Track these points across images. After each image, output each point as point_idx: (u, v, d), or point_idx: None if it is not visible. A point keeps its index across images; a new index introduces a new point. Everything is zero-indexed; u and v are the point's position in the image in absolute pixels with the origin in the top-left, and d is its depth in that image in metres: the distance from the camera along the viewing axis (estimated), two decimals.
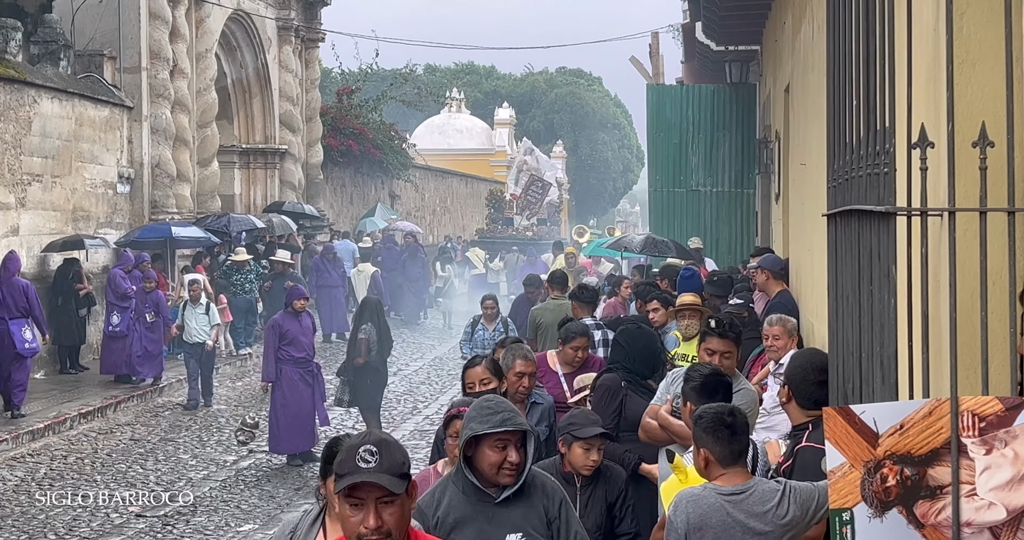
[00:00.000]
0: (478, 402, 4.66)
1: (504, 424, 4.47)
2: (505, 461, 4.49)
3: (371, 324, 13.67)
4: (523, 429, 4.53)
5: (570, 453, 5.96)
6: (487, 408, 4.54)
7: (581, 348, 8.76)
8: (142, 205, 22.19)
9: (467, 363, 6.91)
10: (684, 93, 22.97)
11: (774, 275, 10.59)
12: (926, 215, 3.32)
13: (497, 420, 4.47)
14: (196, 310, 17.35)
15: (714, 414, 4.84)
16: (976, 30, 3.63)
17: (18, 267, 16.04)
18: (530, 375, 7.35)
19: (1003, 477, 3.01)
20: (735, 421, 4.81)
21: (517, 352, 7.40)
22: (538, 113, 65.83)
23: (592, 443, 5.93)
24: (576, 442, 5.92)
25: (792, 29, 12.00)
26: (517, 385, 7.21)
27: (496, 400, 4.65)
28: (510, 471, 4.52)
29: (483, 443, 4.51)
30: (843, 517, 3.10)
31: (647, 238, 18.19)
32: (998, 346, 3.25)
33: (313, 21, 30.95)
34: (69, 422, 15.15)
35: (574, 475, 5.98)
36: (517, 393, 7.20)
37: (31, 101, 18.48)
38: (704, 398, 5.71)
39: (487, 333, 13.79)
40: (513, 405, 4.65)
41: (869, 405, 3.22)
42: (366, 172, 36.27)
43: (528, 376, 7.33)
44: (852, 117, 3.85)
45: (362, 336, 13.57)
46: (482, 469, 4.54)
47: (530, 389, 7.37)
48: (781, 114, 14.43)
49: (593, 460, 5.93)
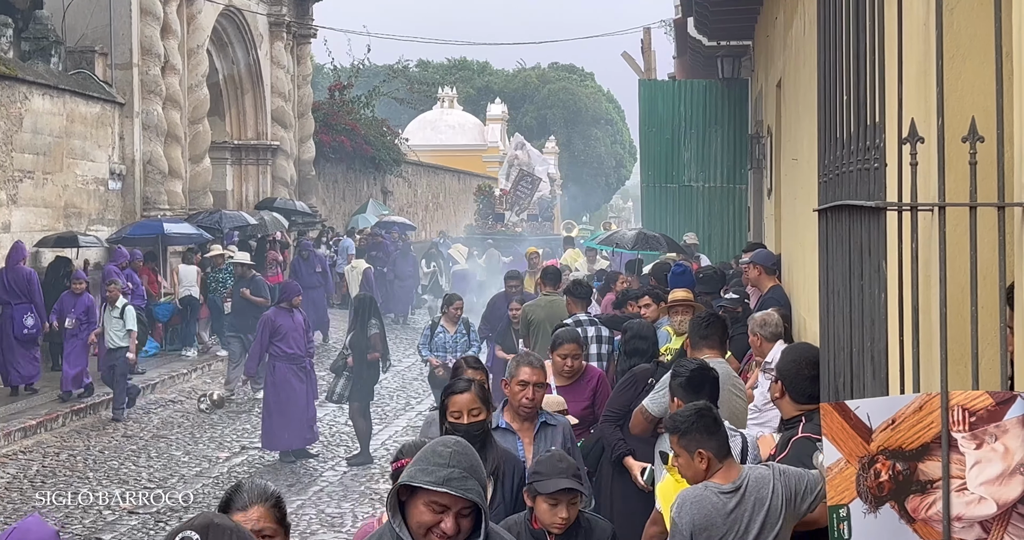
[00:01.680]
0: (436, 442, 3.62)
1: (446, 484, 3.38)
2: (437, 527, 3.48)
3: (377, 320, 13.66)
4: (470, 500, 3.43)
5: (536, 508, 5.06)
6: (439, 455, 3.46)
7: (571, 355, 8.01)
8: (134, 202, 22.15)
9: (450, 387, 5.69)
10: (676, 88, 22.97)
11: (766, 270, 10.59)
12: (916, 210, 3.32)
13: (441, 476, 3.40)
14: (112, 313, 15.98)
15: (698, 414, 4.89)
16: (966, 25, 3.63)
17: (23, 256, 16.89)
18: (536, 386, 6.34)
19: (993, 471, 3.02)
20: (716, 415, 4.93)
21: (523, 359, 6.53)
22: (530, 109, 65.79)
23: (559, 498, 4.95)
24: (540, 496, 5.00)
25: (784, 24, 12.00)
26: (520, 396, 6.29)
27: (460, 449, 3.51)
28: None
29: (418, 496, 3.49)
30: (840, 513, 3.10)
31: (638, 234, 18.19)
32: (988, 341, 3.25)
33: (305, 17, 30.90)
34: (61, 419, 15.13)
35: (545, 533, 5.07)
36: (521, 408, 6.31)
37: (22, 98, 18.43)
38: (691, 393, 5.76)
39: (448, 336, 13.37)
40: (478, 463, 3.52)
41: (863, 400, 3.22)
42: (358, 168, 36.22)
43: (534, 387, 6.32)
44: (843, 112, 3.85)
45: (374, 331, 13.51)
46: (410, 527, 3.54)
47: (537, 403, 6.36)
48: (773, 109, 14.44)
49: (562, 517, 4.98)
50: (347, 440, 14.59)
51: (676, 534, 4.66)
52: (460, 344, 13.26)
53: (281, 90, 29.28)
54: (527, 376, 6.31)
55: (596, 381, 8.19)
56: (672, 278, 11.57)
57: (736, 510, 4.63)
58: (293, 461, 13.44)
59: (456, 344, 13.26)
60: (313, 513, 11.43)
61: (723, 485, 4.70)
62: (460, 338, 13.35)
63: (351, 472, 13.01)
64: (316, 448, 14.02)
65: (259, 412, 14.87)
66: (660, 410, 6.74)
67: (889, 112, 3.51)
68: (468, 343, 13.35)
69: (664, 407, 6.57)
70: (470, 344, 13.35)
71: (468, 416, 5.47)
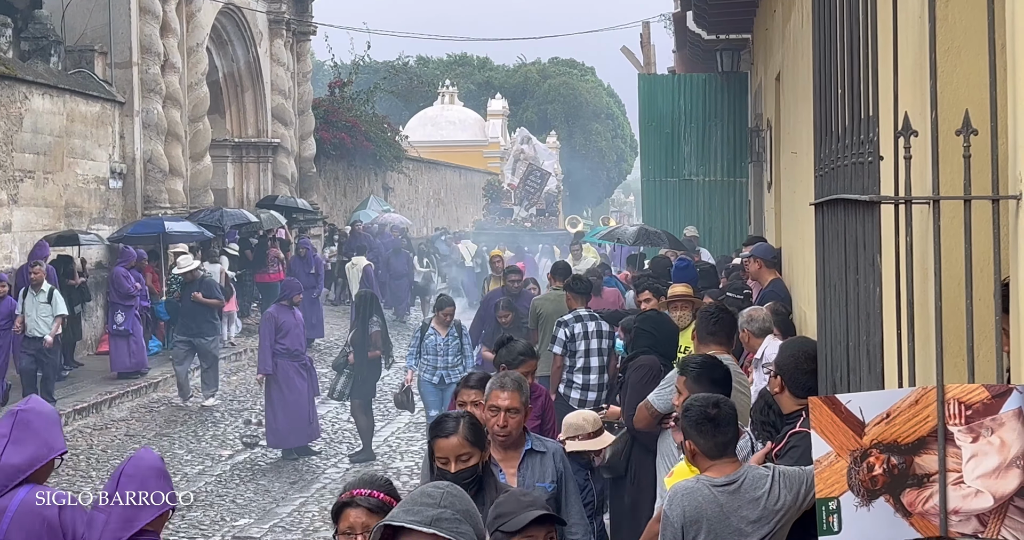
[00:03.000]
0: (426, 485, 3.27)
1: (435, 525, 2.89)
2: None
3: (378, 317, 13.63)
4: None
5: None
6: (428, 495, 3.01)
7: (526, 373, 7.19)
8: (135, 200, 22.16)
9: (435, 425, 4.97)
10: (676, 82, 22.96)
11: (766, 264, 10.60)
12: (911, 204, 3.32)
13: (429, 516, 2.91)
14: (37, 298, 15.33)
15: (698, 408, 4.86)
16: (960, 18, 3.62)
17: (45, 254, 17.72)
18: (509, 411, 5.62)
19: (990, 465, 3.02)
20: (718, 414, 4.82)
21: (496, 382, 5.82)
22: (531, 104, 65.73)
23: (533, 534, 4.17)
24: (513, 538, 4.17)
25: (782, 18, 11.99)
26: (492, 423, 5.59)
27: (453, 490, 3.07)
28: None
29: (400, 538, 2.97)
30: (829, 506, 3.10)
31: (640, 229, 18.18)
32: (984, 334, 3.25)
33: (304, 14, 30.90)
34: (64, 418, 15.11)
35: None
36: (495, 437, 5.57)
37: (22, 97, 18.44)
38: (700, 387, 5.73)
39: (439, 338, 12.73)
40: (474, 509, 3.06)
41: (855, 394, 3.22)
42: (359, 165, 36.23)
43: (506, 413, 5.62)
44: (838, 106, 3.85)
45: (375, 328, 13.47)
46: None
47: (513, 430, 5.65)
48: (772, 102, 14.43)
49: None
50: (349, 437, 14.61)
51: (667, 526, 4.64)
52: (451, 348, 12.73)
53: (281, 87, 29.28)
54: (498, 400, 5.65)
55: (543, 398, 7.79)
56: (675, 273, 11.58)
57: (727, 505, 4.62)
58: (296, 458, 13.46)
59: (447, 347, 12.72)
60: (316, 510, 11.45)
61: (716, 479, 4.69)
62: (452, 341, 12.76)
63: (353, 469, 13.02)
64: (319, 445, 14.04)
65: (260, 410, 14.90)
66: (665, 406, 6.74)
67: (883, 105, 3.51)
68: (460, 347, 12.82)
69: (669, 403, 6.57)
70: (462, 348, 12.83)
71: (456, 463, 4.80)
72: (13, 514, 4.41)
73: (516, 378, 5.86)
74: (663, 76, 25.80)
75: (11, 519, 4.38)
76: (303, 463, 13.36)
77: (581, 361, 10.68)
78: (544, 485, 5.55)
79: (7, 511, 4.43)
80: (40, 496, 4.51)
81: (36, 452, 4.57)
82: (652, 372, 7.66)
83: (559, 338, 10.73)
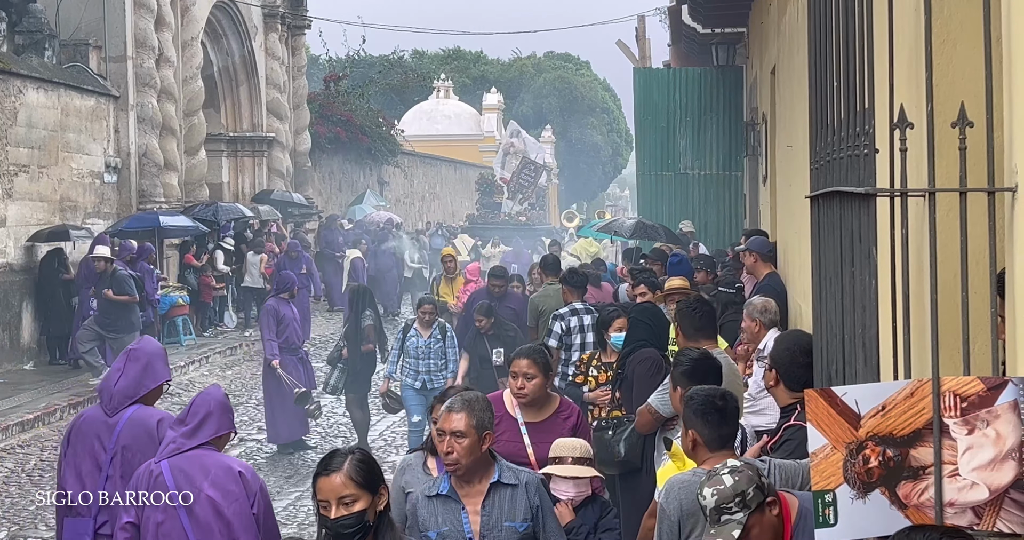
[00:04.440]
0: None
1: None
2: None
3: (372, 311, 13.51)
4: None
5: None
6: None
7: (522, 374, 6.31)
8: (130, 195, 22.13)
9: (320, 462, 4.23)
10: (671, 76, 22.94)
11: (762, 258, 10.59)
12: (906, 196, 3.32)
13: None
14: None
15: (705, 396, 4.83)
16: (956, 10, 3.62)
17: (148, 253, 19.13)
18: (455, 436, 4.80)
19: (985, 457, 3.02)
20: (726, 405, 4.80)
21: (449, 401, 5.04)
22: (527, 98, 65.70)
23: None
24: None
25: (777, 11, 11.98)
26: (444, 450, 4.86)
27: None
28: None
29: None
30: (825, 499, 3.10)
31: (637, 223, 18.19)
32: (980, 326, 3.25)
33: (299, 8, 30.87)
34: (59, 413, 15.13)
35: None
36: (447, 466, 4.90)
37: (16, 91, 18.40)
38: (694, 382, 5.72)
39: (422, 340, 12.06)
40: None
41: (851, 387, 3.22)
42: (354, 159, 36.21)
43: (452, 437, 4.80)
44: (834, 99, 3.85)
45: (368, 322, 13.25)
46: None
47: (461, 458, 4.81)
48: (768, 96, 14.42)
49: None
50: (345, 431, 14.59)
51: (664, 520, 4.63)
52: (434, 351, 12.08)
53: (276, 81, 29.25)
54: (445, 423, 4.85)
55: (576, 418, 6.48)
56: (669, 267, 11.57)
57: None
58: (291, 453, 13.45)
59: (430, 350, 12.06)
60: (311, 505, 11.43)
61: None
62: (434, 344, 12.09)
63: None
64: (314, 440, 14.03)
65: (256, 405, 14.88)
66: (668, 410, 6.70)
67: (879, 98, 3.51)
68: (443, 349, 12.15)
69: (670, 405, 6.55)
70: (445, 351, 12.17)
71: (337, 507, 4.04)
72: (124, 424, 5.92)
73: (469, 398, 4.92)
74: (658, 70, 25.78)
75: (122, 427, 5.92)
76: (298, 457, 13.35)
77: (576, 354, 10.64)
78: (513, 525, 4.87)
79: (120, 422, 5.94)
80: (143, 413, 5.97)
81: (142, 381, 5.99)
82: (657, 364, 7.65)
83: (555, 331, 10.70)
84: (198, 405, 5.48)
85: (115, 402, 5.97)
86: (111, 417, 5.97)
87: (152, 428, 5.88)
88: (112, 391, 5.99)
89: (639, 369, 7.78)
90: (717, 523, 3.77)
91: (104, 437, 5.94)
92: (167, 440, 5.45)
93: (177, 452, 5.37)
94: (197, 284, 22.30)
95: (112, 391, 5.99)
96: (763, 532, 3.84)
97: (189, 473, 5.32)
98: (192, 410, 5.46)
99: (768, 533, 3.85)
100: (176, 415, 5.74)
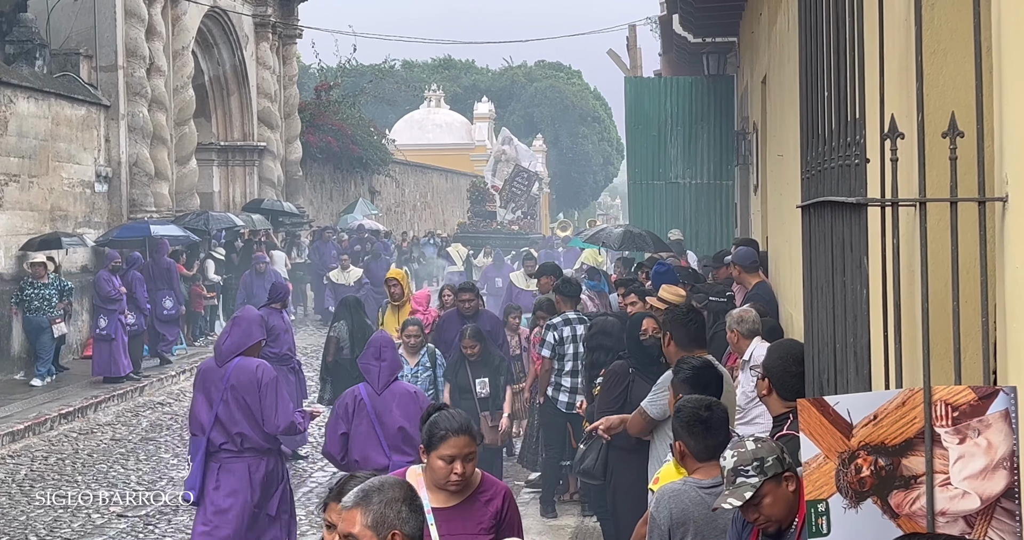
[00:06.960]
0: None
1: None
2: None
3: (343, 322, 13.33)
4: None
5: None
6: None
7: (463, 457, 4.78)
8: (120, 204, 22.11)
9: None
10: (662, 85, 22.99)
11: (746, 269, 10.59)
12: (897, 206, 3.32)
13: None
14: None
15: (691, 409, 4.85)
16: (947, 20, 3.63)
17: (166, 250, 20.55)
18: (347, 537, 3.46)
19: (976, 466, 3.02)
20: (711, 416, 4.82)
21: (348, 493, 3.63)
22: (518, 107, 65.78)
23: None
24: None
25: (768, 21, 12.01)
26: None
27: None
28: None
29: None
30: (818, 508, 3.10)
31: (625, 232, 18.16)
32: (971, 335, 3.25)
33: (290, 17, 30.89)
34: (49, 423, 15.09)
35: None
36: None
37: (7, 101, 18.39)
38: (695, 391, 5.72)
39: (407, 368, 10.48)
40: None
41: (843, 396, 3.22)
42: (346, 168, 36.19)
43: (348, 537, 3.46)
44: (824, 108, 3.85)
45: (331, 334, 13.28)
46: None
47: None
48: (758, 105, 14.45)
49: None
50: None
51: (655, 529, 4.64)
52: (421, 380, 10.61)
53: (267, 91, 29.25)
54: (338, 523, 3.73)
55: (501, 500, 4.95)
56: (655, 277, 11.51)
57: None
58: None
59: (416, 379, 10.52)
60: (303, 514, 11.41)
61: (703, 480, 4.69)
62: (422, 372, 10.73)
63: (340, 472, 12.97)
64: (305, 449, 14.00)
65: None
66: (660, 412, 6.70)
67: (870, 108, 3.51)
68: (432, 378, 10.78)
69: (663, 409, 6.54)
70: (435, 379, 10.81)
71: None
72: (232, 369, 7.97)
73: (367, 488, 3.48)
74: (649, 79, 25.84)
75: (231, 372, 7.95)
76: (290, 467, 13.28)
77: (570, 364, 10.61)
78: None
79: (229, 368, 7.97)
80: (244, 363, 8.00)
81: (243, 340, 8.05)
82: (617, 377, 7.81)
83: (547, 341, 10.67)
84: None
85: (223, 356, 8.05)
86: (220, 367, 8.03)
87: (253, 372, 7.95)
88: (221, 349, 8.13)
89: (604, 381, 7.98)
90: (732, 484, 3.88)
91: (217, 381, 7.98)
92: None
93: None
94: (188, 294, 22.25)
95: (221, 349, 8.13)
96: (776, 502, 3.91)
97: (385, 398, 7.74)
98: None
99: (781, 505, 3.92)
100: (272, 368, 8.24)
